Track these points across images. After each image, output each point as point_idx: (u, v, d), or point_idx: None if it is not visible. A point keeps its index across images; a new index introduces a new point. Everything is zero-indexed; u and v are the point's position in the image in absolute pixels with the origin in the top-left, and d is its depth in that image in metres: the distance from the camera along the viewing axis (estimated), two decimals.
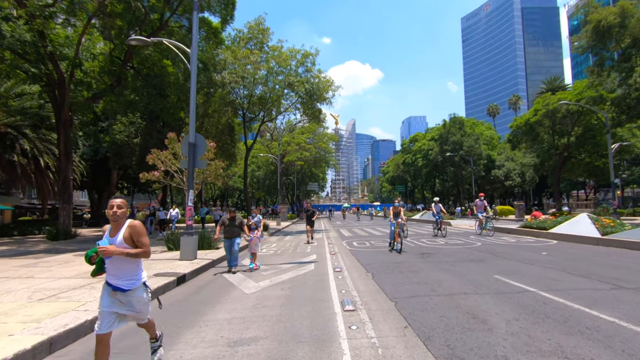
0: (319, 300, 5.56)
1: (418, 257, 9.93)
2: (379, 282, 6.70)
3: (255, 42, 23.36)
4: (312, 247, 13.42)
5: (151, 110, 22.62)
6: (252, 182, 60.53)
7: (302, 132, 46.60)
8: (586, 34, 24.75)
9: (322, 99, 24.11)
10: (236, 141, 30.16)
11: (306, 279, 7.29)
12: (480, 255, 9.90)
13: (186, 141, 10.02)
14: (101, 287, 3.16)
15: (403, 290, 5.95)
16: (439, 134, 54.43)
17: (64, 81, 17.41)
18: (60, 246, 13.86)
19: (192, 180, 9.97)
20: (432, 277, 6.93)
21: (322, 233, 21.02)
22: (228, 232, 8.48)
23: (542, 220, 14.82)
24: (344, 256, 10.62)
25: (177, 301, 5.91)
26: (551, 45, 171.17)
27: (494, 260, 8.94)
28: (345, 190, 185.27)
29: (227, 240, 8.56)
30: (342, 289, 6.28)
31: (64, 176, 17.75)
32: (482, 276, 6.90)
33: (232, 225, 8.53)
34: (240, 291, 6.49)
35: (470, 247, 11.93)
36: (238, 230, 8.58)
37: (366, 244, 13.72)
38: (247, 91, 24.01)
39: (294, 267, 8.88)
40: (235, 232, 8.53)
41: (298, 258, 10.60)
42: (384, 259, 9.79)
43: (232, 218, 8.59)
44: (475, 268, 7.85)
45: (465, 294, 5.53)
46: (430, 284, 6.37)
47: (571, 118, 31.30)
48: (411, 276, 7.12)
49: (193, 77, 10.02)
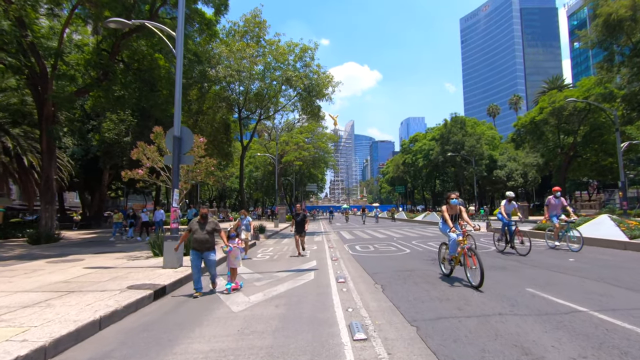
0: (320, 323, 4.50)
1: (429, 263, 8.88)
2: (391, 296, 5.64)
3: (251, 36, 22.33)
4: (312, 251, 12.36)
5: (142, 107, 21.52)
6: (250, 183, 59.43)
7: (301, 131, 45.52)
8: (596, 28, 23.81)
9: (322, 96, 23.09)
10: (232, 140, 29.10)
11: (305, 292, 6.23)
12: (501, 261, 8.85)
13: (171, 134, 8.96)
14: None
15: (423, 308, 4.90)
16: (440, 133, 53.48)
17: (47, 74, 16.34)
18: (38, 251, 12.76)
19: (178, 178, 8.91)
20: (455, 291, 5.88)
21: (321, 235, 19.96)
22: (197, 241, 6.42)
23: None
24: (346, 262, 9.57)
25: (147, 323, 4.84)
26: (550, 45, 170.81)
27: (518, 267, 7.90)
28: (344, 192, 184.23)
29: (195, 253, 6.37)
30: (348, 305, 5.22)
31: (47, 175, 16.66)
32: (512, 289, 5.85)
33: (203, 230, 6.46)
34: (226, 308, 5.43)
35: (485, 251, 10.89)
36: (211, 239, 6.51)
37: (370, 248, 12.67)
38: (242, 87, 22.97)
39: (291, 276, 7.82)
40: (206, 242, 6.43)
41: (296, 264, 9.54)
42: (391, 266, 8.74)
43: (203, 220, 6.58)
44: (500, 278, 6.80)
45: (502, 316, 4.48)
46: (454, 299, 5.31)
47: (578, 116, 30.35)
48: (429, 289, 6.06)
49: (179, 61, 8.96)
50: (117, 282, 6.89)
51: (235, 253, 6.76)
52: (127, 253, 11.81)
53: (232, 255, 6.71)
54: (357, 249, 12.50)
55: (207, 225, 6.55)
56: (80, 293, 6.02)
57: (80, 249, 13.24)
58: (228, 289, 6.44)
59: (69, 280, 7.17)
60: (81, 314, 4.74)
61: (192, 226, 6.59)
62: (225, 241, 6.66)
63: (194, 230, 6.52)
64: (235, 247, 6.78)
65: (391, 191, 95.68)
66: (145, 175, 10.86)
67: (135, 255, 11.35)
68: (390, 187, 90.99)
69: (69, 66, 16.80)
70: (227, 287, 6.50)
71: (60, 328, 4.17)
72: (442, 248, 7.57)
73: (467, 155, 47.34)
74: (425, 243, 13.64)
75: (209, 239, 6.48)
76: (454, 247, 6.63)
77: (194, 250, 6.43)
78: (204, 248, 6.44)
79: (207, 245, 6.45)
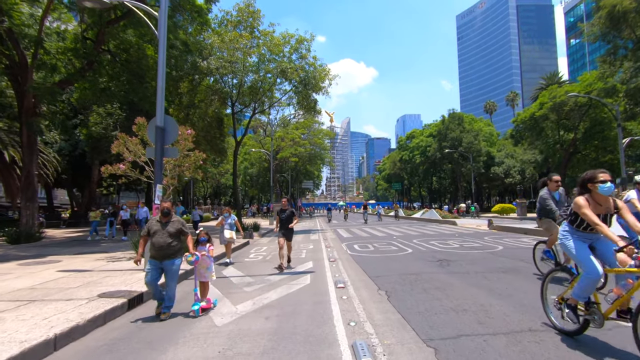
0: (318, 341, 3.78)
1: (436, 265, 8.19)
2: (398, 306, 4.93)
3: (245, 26, 21.42)
4: (308, 251, 11.63)
5: (131, 100, 20.62)
6: (246, 180, 58.60)
7: (297, 127, 44.77)
8: (599, 20, 23.22)
9: (318, 89, 22.25)
10: (226, 135, 28.24)
11: (300, 300, 5.50)
12: (511, 262, 8.18)
13: (153, 124, 8.15)
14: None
15: (438, 323, 4.19)
16: (438, 130, 52.93)
17: (26, 63, 15.38)
18: (14, 251, 11.91)
19: (161, 172, 8.11)
20: (471, 299, 5.17)
21: (318, 233, 19.25)
22: (155, 246, 4.93)
23: None
24: (345, 264, 8.85)
25: (114, 341, 4.08)
26: (546, 43, 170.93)
27: (532, 270, 7.22)
28: (340, 189, 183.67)
29: (153, 263, 4.91)
30: (349, 318, 4.50)
31: (27, 171, 15.74)
32: (536, 297, 5.13)
33: (164, 232, 4.99)
34: (209, 321, 4.69)
35: (492, 251, 10.23)
36: (175, 244, 5.02)
37: (369, 248, 11.97)
38: (236, 80, 22.08)
39: (285, 280, 7.09)
40: (168, 247, 4.93)
41: (291, 266, 8.81)
42: (394, 268, 8.03)
43: (165, 218, 5.08)
44: (518, 283, 6.12)
45: (534, 333, 3.79)
46: (472, 310, 4.61)
47: (579, 111, 29.82)
48: (440, 296, 5.36)
49: (161, 42, 8.13)
50: (88, 289, 6.11)
51: (205, 263, 5.24)
52: (109, 254, 11.01)
53: (202, 266, 5.22)
54: (355, 249, 11.79)
55: (171, 226, 5.05)
56: (41, 303, 5.24)
57: (60, 249, 12.41)
58: (195, 310, 4.88)
59: (34, 287, 6.38)
60: (33, 332, 3.97)
61: (150, 227, 5.09)
62: (191, 247, 5.09)
63: (153, 232, 5.02)
64: (203, 255, 5.19)
65: (387, 188, 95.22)
66: (127, 170, 10.05)
67: (117, 256, 10.55)
68: (387, 184, 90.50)
69: (50, 55, 15.84)
70: (194, 308, 4.92)
71: None
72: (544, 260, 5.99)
73: (464, 152, 46.84)
74: (427, 242, 12.97)
75: (173, 243, 4.99)
76: (590, 287, 3.38)
77: (152, 260, 4.92)
78: (165, 255, 4.92)
79: (170, 252, 4.93)
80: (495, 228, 17.61)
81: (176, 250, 5.06)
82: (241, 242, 14.27)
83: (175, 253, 5.05)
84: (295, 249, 12.16)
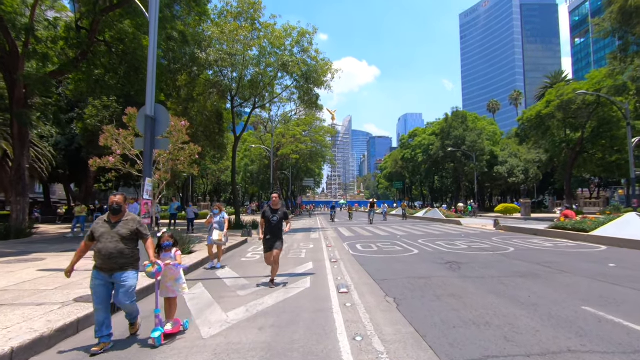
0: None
1: (445, 268, 7.60)
2: (410, 317, 4.35)
3: (245, 18, 20.77)
4: (308, 251, 11.06)
5: (128, 93, 20.05)
6: (246, 177, 58.08)
7: (298, 124, 44.10)
8: (610, 15, 22.51)
9: (320, 83, 21.65)
10: (225, 130, 27.63)
11: (299, 307, 4.93)
12: (528, 266, 7.59)
13: (142, 114, 7.57)
14: None
15: (459, 339, 3.60)
16: (441, 128, 52.20)
17: (17, 52, 14.80)
18: (0, 248, 11.35)
19: (150, 165, 7.54)
20: (491, 309, 4.58)
21: (318, 232, 18.69)
22: (101, 254, 3.69)
23: (580, 221, 12.59)
24: (348, 265, 8.28)
25: (85, 354, 3.50)
26: (549, 42, 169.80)
27: (552, 275, 6.64)
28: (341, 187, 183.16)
29: (99, 275, 3.71)
30: (355, 331, 3.92)
31: (18, 164, 15.19)
32: (565, 307, 4.58)
33: (113, 235, 3.74)
34: (195, 331, 4.12)
35: (504, 253, 9.64)
36: (129, 250, 3.78)
37: (372, 248, 11.39)
38: (236, 73, 21.46)
39: (283, 283, 6.52)
40: (119, 256, 3.70)
41: (290, 267, 8.25)
42: (401, 270, 7.45)
43: (115, 216, 3.83)
44: (540, 290, 5.52)
45: (575, 355, 3.19)
46: (496, 323, 4.02)
47: (587, 110, 29.11)
48: (456, 305, 4.77)
49: (152, 22, 7.52)
50: (65, 292, 5.54)
51: (171, 274, 4.01)
52: None
53: (168, 278, 4.01)
54: (358, 249, 11.21)
55: (123, 226, 3.78)
56: (9, 308, 4.68)
57: (48, 246, 11.85)
58: (156, 338, 3.67)
59: (7, 288, 5.81)
60: None
61: (95, 229, 3.80)
62: (152, 254, 3.82)
63: (99, 235, 3.74)
64: (168, 264, 3.94)
65: (389, 187, 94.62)
66: (117, 163, 9.49)
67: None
68: (388, 183, 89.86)
69: (42, 44, 15.26)
70: (153, 335, 3.69)
71: None
72: None
73: (468, 151, 46.17)
74: (434, 242, 12.38)
75: (126, 249, 3.73)
76: None
77: (98, 273, 3.71)
78: (116, 266, 3.67)
79: (122, 261, 3.70)
80: (502, 228, 17.02)
81: (131, 259, 3.79)
82: (239, 241, 13.73)
83: (130, 263, 3.79)
84: (295, 249, 11.62)
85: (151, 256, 3.82)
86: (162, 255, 4.10)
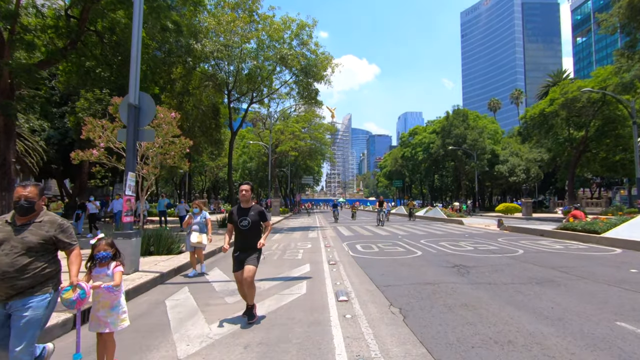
0: None
1: (453, 272, 7.02)
2: (420, 333, 3.76)
3: (243, 9, 20.12)
4: (305, 251, 10.47)
5: (121, 85, 19.42)
6: (244, 174, 57.46)
7: (297, 120, 43.51)
8: (619, 10, 21.88)
9: (320, 78, 21.05)
10: (222, 126, 27.01)
11: (292, 320, 4.33)
12: (542, 271, 7.01)
13: (125, 102, 6.95)
14: None
15: None
16: (442, 126, 51.65)
17: (3, 40, 14.13)
18: None
19: (133, 158, 6.94)
20: (512, 324, 3.99)
21: (316, 231, 18.10)
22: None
23: (590, 222, 12.02)
24: (347, 268, 7.69)
25: None
26: (551, 41, 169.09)
27: (571, 282, 6.06)
28: (341, 185, 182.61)
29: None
30: (356, 351, 3.33)
31: (3, 158, 14.50)
32: (597, 323, 4.00)
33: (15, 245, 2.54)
34: (170, 349, 3.52)
35: (513, 255, 9.06)
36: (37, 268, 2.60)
37: (373, 249, 10.80)
38: (233, 67, 20.83)
39: (276, 288, 5.93)
40: (22, 274, 2.52)
41: (285, 269, 7.67)
42: (405, 275, 6.87)
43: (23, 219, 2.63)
44: (563, 301, 4.94)
45: None
46: (521, 343, 3.43)
47: (592, 108, 28.52)
48: (471, 318, 4.19)
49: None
50: None
51: (107, 298, 2.91)
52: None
53: (101, 305, 2.90)
54: (358, 249, 10.63)
55: (32, 231, 2.63)
56: None
57: None
58: None
59: None
60: None
61: None
62: (74, 273, 2.71)
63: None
64: (96, 287, 2.83)
65: (388, 185, 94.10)
66: (102, 156, 8.87)
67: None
68: (388, 182, 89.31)
69: (29, 33, 14.58)
70: None
71: None
72: None
73: (469, 149, 45.62)
74: (437, 243, 11.80)
75: (31, 265, 2.58)
76: None
77: None
78: (11, 291, 2.51)
79: (23, 283, 2.53)
80: (506, 229, 16.46)
81: (41, 278, 2.61)
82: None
83: (38, 283, 2.59)
84: (292, 249, 11.04)
85: (72, 276, 2.67)
86: (95, 272, 2.95)
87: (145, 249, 8.91)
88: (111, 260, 3.01)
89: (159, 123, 9.34)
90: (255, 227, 4.46)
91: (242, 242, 4.46)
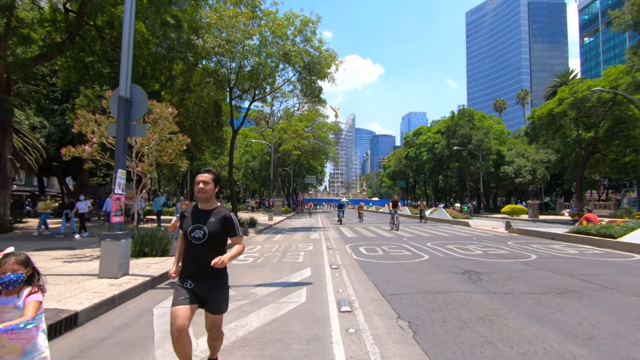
0: None
1: (464, 279, 6.55)
2: (434, 354, 3.29)
3: (246, 4, 19.70)
4: (306, 254, 10.03)
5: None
6: (247, 173, 57.17)
7: (300, 119, 43.07)
8: (632, 7, 21.32)
9: (323, 75, 20.60)
10: (224, 124, 26.65)
11: (289, 334, 3.89)
12: (560, 279, 6.52)
13: (116, 95, 6.55)
14: None
15: None
16: (447, 126, 51.00)
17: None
18: None
19: (124, 155, 6.53)
20: (538, 342, 3.52)
21: (319, 232, 17.67)
22: None
23: (606, 226, 11.48)
24: (350, 273, 7.24)
25: None
26: (557, 42, 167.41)
27: (595, 292, 5.57)
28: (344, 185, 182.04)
29: None
30: None
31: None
32: (635, 344, 3.52)
33: None
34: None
35: (526, 261, 8.56)
36: None
37: (378, 252, 10.34)
38: (235, 63, 20.42)
39: (274, 295, 5.49)
40: None
41: (285, 273, 7.23)
42: (413, 282, 6.41)
43: None
44: (589, 315, 4.46)
45: None
46: None
47: (602, 108, 27.84)
48: (490, 336, 3.72)
49: None
50: None
51: (17, 342, 1.98)
52: (74, 251, 9.48)
53: (7, 350, 1.96)
54: (361, 252, 10.17)
55: None
56: None
57: (24, 243, 10.91)
58: None
59: None
60: None
61: None
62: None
63: None
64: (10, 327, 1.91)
65: (392, 185, 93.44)
66: (94, 152, 8.48)
67: (83, 253, 9.02)
68: (391, 182, 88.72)
69: (26, 26, 14.26)
70: None
71: None
72: None
73: (474, 150, 44.97)
74: (444, 246, 11.32)
75: None
76: None
77: None
78: None
79: None
80: (515, 231, 15.93)
81: None
82: None
83: None
84: (292, 250, 10.61)
85: None
86: (8, 299, 2.07)
87: (139, 250, 8.53)
88: (24, 286, 2.12)
89: (155, 119, 8.93)
90: (214, 243, 2.65)
91: (195, 265, 2.68)
